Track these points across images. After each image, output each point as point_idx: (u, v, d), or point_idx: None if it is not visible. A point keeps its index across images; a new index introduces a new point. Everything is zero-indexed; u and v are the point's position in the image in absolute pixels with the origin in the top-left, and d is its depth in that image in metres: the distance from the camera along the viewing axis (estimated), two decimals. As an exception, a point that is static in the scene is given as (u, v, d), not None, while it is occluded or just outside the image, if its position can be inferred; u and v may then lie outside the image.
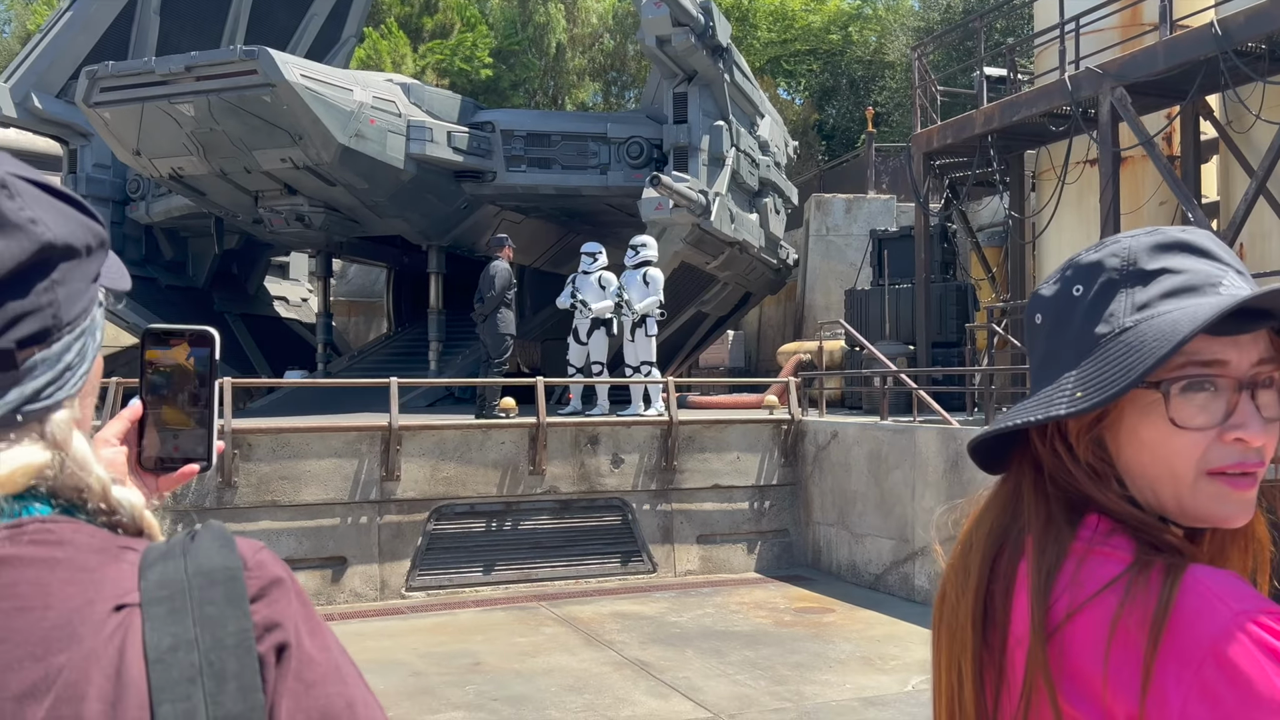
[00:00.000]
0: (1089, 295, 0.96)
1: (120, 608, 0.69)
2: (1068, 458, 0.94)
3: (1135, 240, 0.97)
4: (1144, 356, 0.87)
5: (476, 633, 7.80)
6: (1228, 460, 0.88)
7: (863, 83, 26.09)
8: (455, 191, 13.82)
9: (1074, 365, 0.93)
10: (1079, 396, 0.90)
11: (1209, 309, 0.86)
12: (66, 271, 0.74)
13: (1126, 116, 10.24)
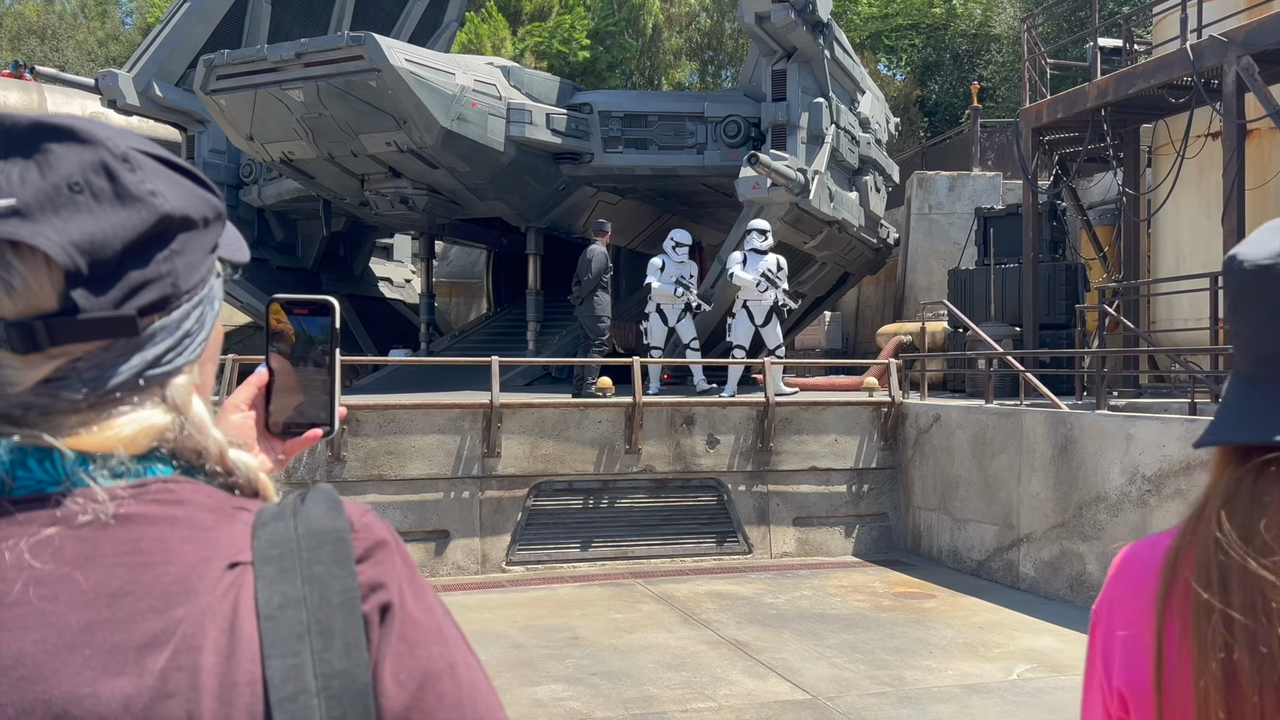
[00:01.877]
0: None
1: (234, 565, 0.71)
2: None
3: None
4: None
5: (575, 608, 7.92)
6: None
7: (967, 57, 25.31)
8: (553, 173, 13.95)
9: None
10: None
11: None
12: (185, 242, 0.76)
13: (1254, 86, 9.71)
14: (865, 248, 15.69)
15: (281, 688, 0.67)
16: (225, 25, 15.31)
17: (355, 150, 12.99)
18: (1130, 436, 7.61)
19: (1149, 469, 7.41)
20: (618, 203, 15.42)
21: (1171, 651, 0.84)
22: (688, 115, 14.05)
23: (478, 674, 0.76)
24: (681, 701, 5.68)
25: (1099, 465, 7.90)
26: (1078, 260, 13.85)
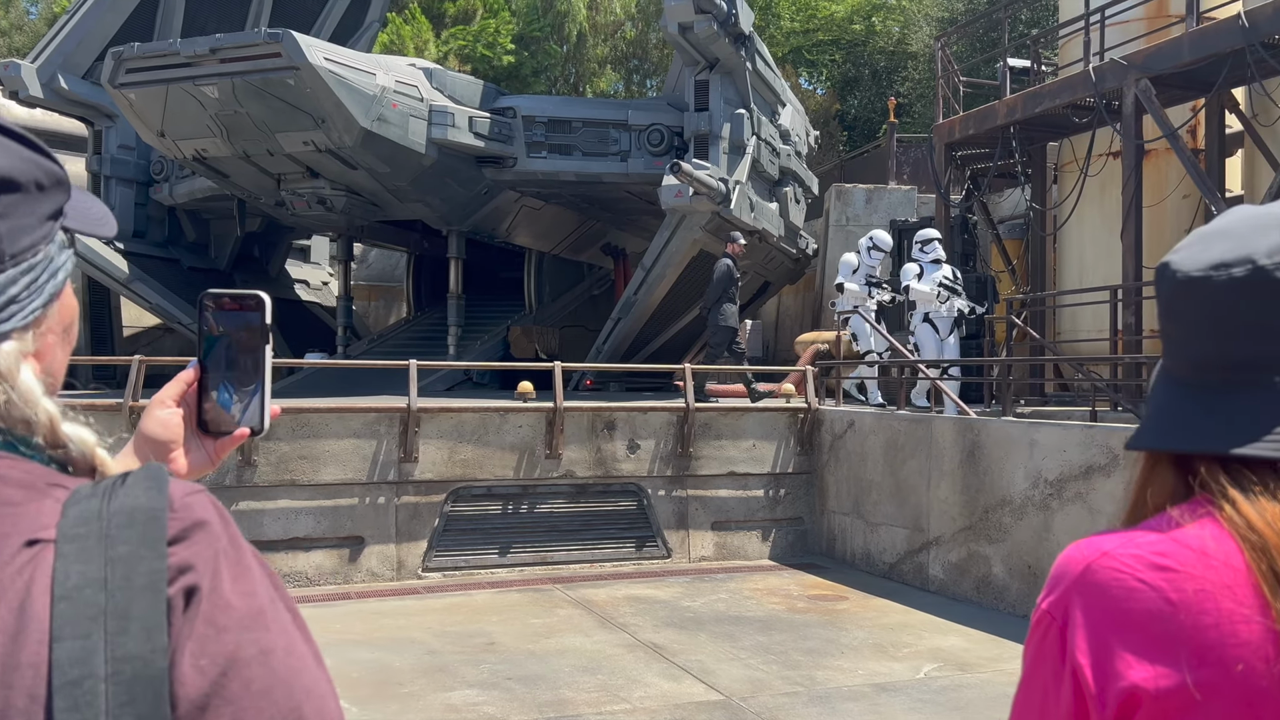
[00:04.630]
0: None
1: (33, 543, 0.68)
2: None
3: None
4: None
5: (492, 613, 7.87)
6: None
7: (885, 73, 25.93)
8: (476, 177, 13.87)
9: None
10: None
11: None
12: (8, 205, 0.74)
13: (1151, 108, 10.17)
14: (785, 257, 15.94)
15: (67, 671, 0.64)
16: (136, 17, 14.87)
17: (272, 149, 12.73)
18: (1034, 442, 7.88)
19: (1051, 473, 7.68)
20: (541, 208, 15.40)
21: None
22: (612, 122, 14.11)
23: (301, 662, 0.71)
24: (596, 704, 5.69)
25: (1004, 470, 8.16)
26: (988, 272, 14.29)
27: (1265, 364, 0.90)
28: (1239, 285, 0.90)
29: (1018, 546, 8.00)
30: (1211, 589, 0.85)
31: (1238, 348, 0.91)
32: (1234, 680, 0.82)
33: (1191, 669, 0.83)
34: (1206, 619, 0.84)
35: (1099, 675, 0.87)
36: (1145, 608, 0.86)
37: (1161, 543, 0.89)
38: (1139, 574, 0.88)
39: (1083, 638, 0.88)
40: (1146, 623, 0.86)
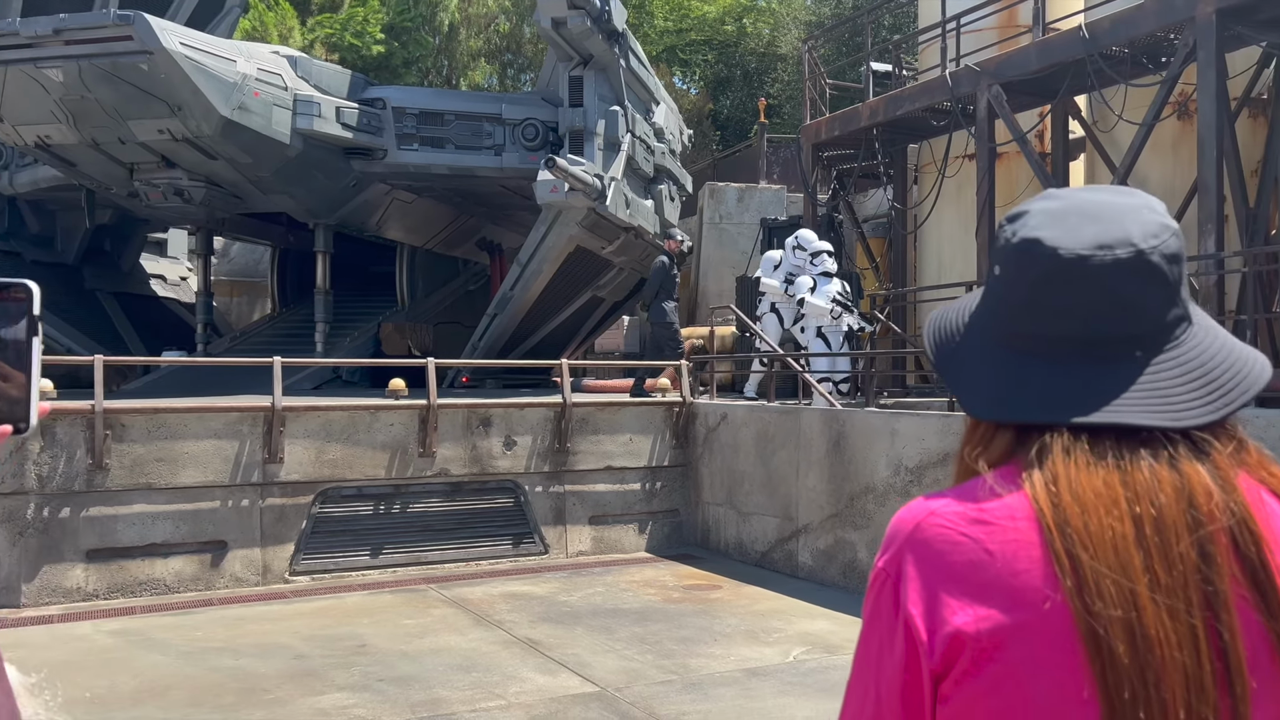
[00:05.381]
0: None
1: None
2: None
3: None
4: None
5: (363, 615, 7.69)
6: None
7: (756, 74, 26.48)
8: (344, 169, 13.51)
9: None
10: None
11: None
12: None
13: (1002, 113, 10.71)
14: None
15: None
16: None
17: (123, 137, 12.10)
18: (895, 431, 8.20)
19: (911, 461, 8.01)
20: (414, 201, 15.12)
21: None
22: (485, 116, 13.96)
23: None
24: (471, 702, 5.64)
25: (868, 459, 8.46)
26: (853, 269, 14.77)
27: (1131, 340, 0.95)
28: (1121, 266, 0.94)
29: (881, 532, 8.28)
30: (1023, 540, 0.91)
31: (1110, 325, 0.95)
32: (1041, 620, 0.88)
33: (1005, 611, 0.90)
34: (1019, 566, 0.90)
35: (928, 623, 0.92)
36: (967, 559, 0.92)
37: (981, 500, 0.95)
38: (961, 529, 0.93)
39: (913, 590, 0.93)
40: (968, 572, 0.92)
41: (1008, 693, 0.89)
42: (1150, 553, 0.88)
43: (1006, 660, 0.89)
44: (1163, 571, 0.88)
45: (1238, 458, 0.95)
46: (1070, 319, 0.96)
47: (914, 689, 0.94)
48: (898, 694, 0.94)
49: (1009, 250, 0.99)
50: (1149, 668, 0.85)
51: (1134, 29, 9.50)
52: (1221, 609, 0.87)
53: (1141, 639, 0.86)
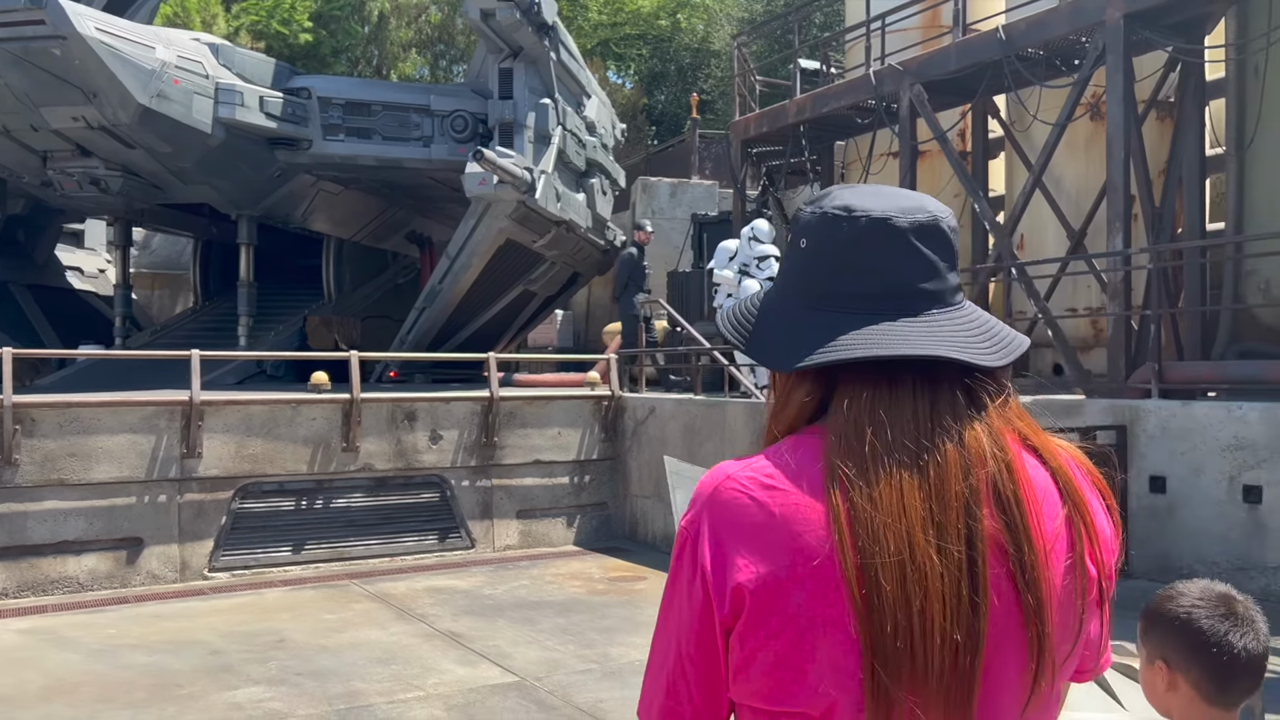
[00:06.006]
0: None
1: None
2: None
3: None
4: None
5: (283, 611, 7.60)
6: None
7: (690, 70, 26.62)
8: (268, 159, 13.27)
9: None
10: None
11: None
12: None
13: (923, 112, 10.93)
14: (593, 249, 16.11)
15: None
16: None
17: (36, 124, 11.75)
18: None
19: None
20: (340, 193, 14.91)
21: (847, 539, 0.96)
22: (413, 107, 13.83)
23: None
24: (389, 694, 5.62)
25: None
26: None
27: (927, 296, 1.06)
28: (921, 229, 1.07)
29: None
30: (804, 503, 1.01)
31: (910, 281, 1.06)
32: (814, 574, 0.98)
33: (783, 568, 0.99)
34: (798, 527, 1.00)
35: (717, 577, 1.01)
36: (753, 520, 1.01)
37: (772, 465, 1.04)
38: (751, 492, 1.03)
39: (708, 547, 1.03)
40: (753, 533, 1.01)
41: (785, 640, 0.98)
42: (931, 495, 0.98)
43: (783, 611, 0.98)
44: (939, 510, 0.98)
45: (1003, 411, 1.07)
46: (876, 275, 1.06)
47: (708, 637, 1.03)
48: (694, 641, 1.04)
49: (818, 220, 1.10)
50: (914, 599, 0.95)
51: (1048, 31, 9.77)
52: (978, 540, 0.98)
53: (911, 576, 0.95)
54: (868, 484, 0.98)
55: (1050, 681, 1.01)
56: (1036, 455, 1.07)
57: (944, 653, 0.95)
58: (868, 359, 1.03)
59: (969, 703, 0.97)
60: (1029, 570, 0.99)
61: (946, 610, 0.96)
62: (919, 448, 1.00)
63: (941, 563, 0.96)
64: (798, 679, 0.98)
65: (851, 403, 1.03)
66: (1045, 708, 1.04)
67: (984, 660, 0.98)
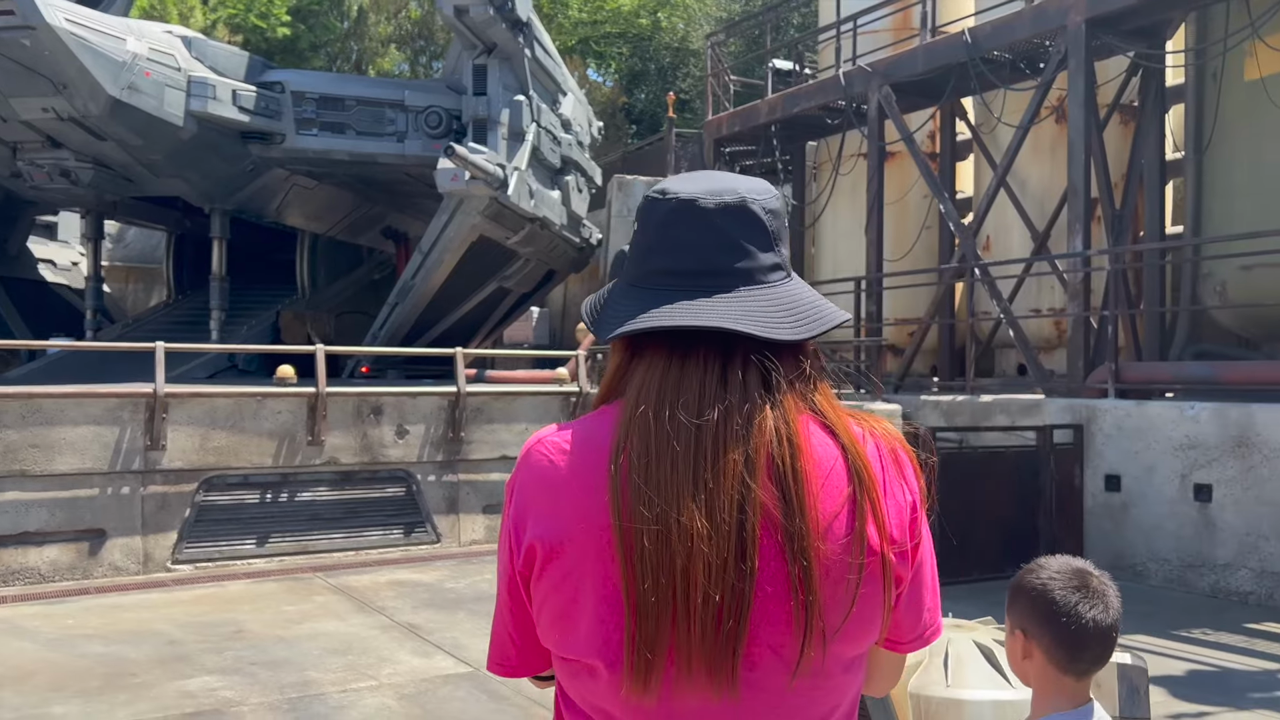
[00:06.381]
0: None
1: None
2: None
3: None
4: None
5: (244, 603, 7.63)
6: None
7: (670, 69, 26.70)
8: (241, 153, 13.25)
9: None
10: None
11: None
12: None
13: (891, 113, 11.04)
14: (568, 246, 16.14)
15: None
16: None
17: (5, 115, 11.71)
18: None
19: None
20: (315, 187, 14.90)
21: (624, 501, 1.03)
22: (388, 102, 13.83)
23: None
24: (342, 683, 5.67)
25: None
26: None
27: (734, 274, 1.11)
28: (728, 209, 1.12)
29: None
30: (591, 466, 1.08)
31: (717, 260, 1.12)
32: (589, 533, 1.05)
33: (566, 526, 1.07)
34: (581, 489, 1.07)
35: (517, 532, 1.11)
36: (549, 480, 1.09)
37: (576, 431, 1.12)
38: (551, 455, 1.11)
39: (515, 505, 1.12)
40: (548, 492, 1.09)
41: (565, 594, 1.06)
42: (706, 463, 1.03)
43: (563, 567, 1.06)
44: (711, 478, 1.03)
45: (799, 387, 1.12)
46: (686, 253, 1.12)
47: (516, 587, 1.12)
48: (507, 590, 1.14)
49: (644, 204, 1.18)
50: (677, 559, 1.00)
51: (1012, 35, 9.90)
52: (750, 509, 1.03)
53: (677, 538, 1.01)
54: (646, 450, 1.04)
55: (819, 649, 1.05)
56: (831, 433, 1.11)
57: (706, 614, 1.00)
58: (655, 330, 1.09)
59: (732, 665, 1.01)
60: (799, 540, 1.03)
61: (710, 573, 1.00)
62: (700, 418, 1.05)
63: (710, 528, 1.01)
64: (575, 630, 1.06)
65: (645, 373, 1.10)
66: (821, 675, 1.08)
67: (750, 626, 1.02)
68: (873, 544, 1.08)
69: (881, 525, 1.09)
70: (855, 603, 1.07)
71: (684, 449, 1.04)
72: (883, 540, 1.09)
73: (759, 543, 1.03)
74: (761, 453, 1.05)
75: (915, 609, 1.20)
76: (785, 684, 1.06)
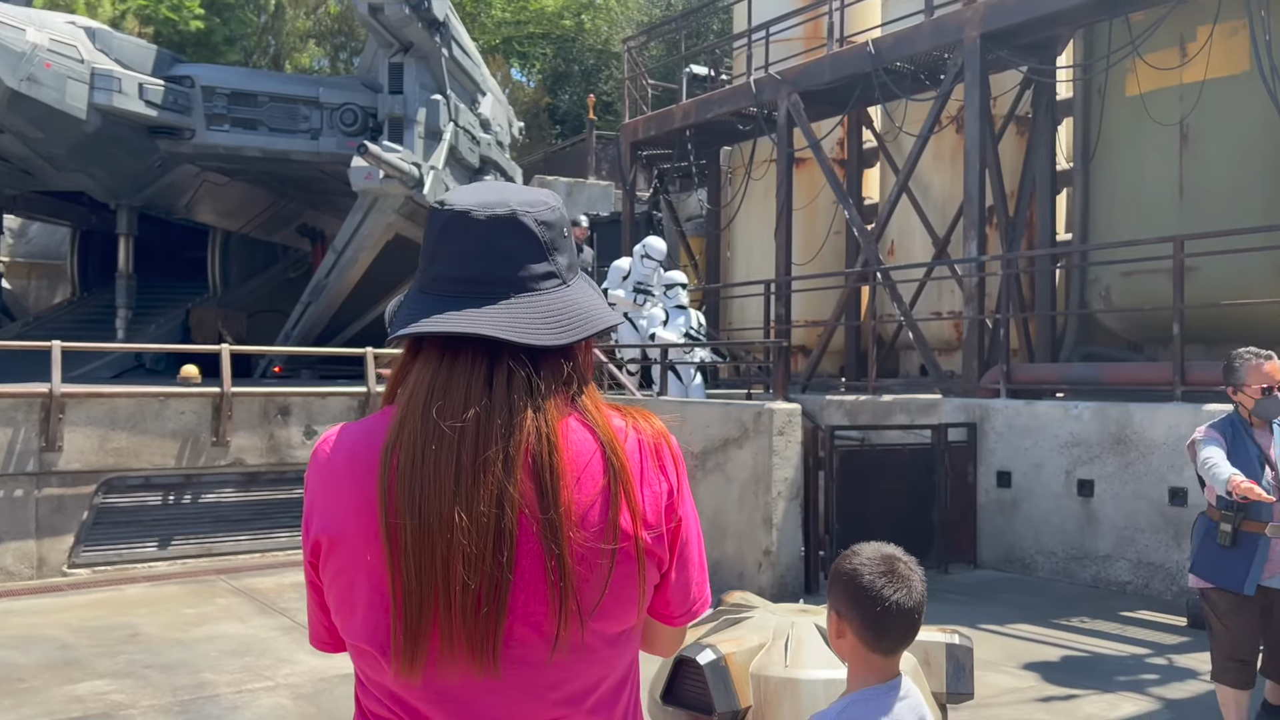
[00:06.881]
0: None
1: None
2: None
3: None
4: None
5: (141, 606, 7.52)
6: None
7: (594, 71, 26.81)
8: (148, 148, 13.00)
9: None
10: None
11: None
12: None
13: (799, 121, 11.31)
14: (488, 246, 16.13)
15: None
16: None
17: (-106, 104, 11.30)
18: (684, 419, 8.59)
19: (697, 446, 8.42)
20: (226, 184, 14.68)
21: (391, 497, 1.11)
22: (302, 99, 13.70)
23: None
24: (238, 684, 5.65)
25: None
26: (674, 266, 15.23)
27: (502, 282, 1.19)
28: (497, 221, 1.20)
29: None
30: (365, 463, 1.17)
31: (486, 268, 1.19)
32: (361, 527, 1.14)
33: (341, 520, 1.16)
34: (356, 485, 1.16)
35: (307, 526, 1.20)
36: (330, 476, 1.18)
37: (358, 430, 1.21)
38: (333, 453, 1.20)
39: (307, 500, 1.20)
40: (328, 489, 1.18)
41: (345, 580, 1.16)
42: (467, 459, 1.12)
43: (340, 558, 1.16)
44: (472, 473, 1.12)
45: (563, 389, 1.20)
46: (459, 261, 1.20)
47: (310, 574, 1.22)
48: (309, 575, 1.24)
49: (429, 214, 1.25)
50: (437, 550, 1.10)
51: (913, 47, 10.23)
52: (508, 502, 1.12)
53: (438, 530, 1.10)
54: (413, 448, 1.13)
55: (576, 627, 1.15)
56: (592, 430, 1.20)
57: (465, 601, 1.09)
58: (422, 334, 1.18)
59: (494, 645, 1.11)
60: (554, 530, 1.13)
61: (469, 563, 1.09)
62: (461, 417, 1.13)
63: (469, 521, 1.10)
64: (354, 617, 1.15)
65: (418, 375, 1.18)
66: (582, 650, 1.17)
67: (512, 607, 1.12)
68: (626, 530, 1.17)
69: (636, 512, 1.19)
70: (610, 584, 1.17)
71: (447, 447, 1.12)
72: (637, 526, 1.18)
73: (518, 533, 1.12)
74: (521, 450, 1.14)
75: (683, 587, 1.30)
76: (546, 659, 1.15)
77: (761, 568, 7.61)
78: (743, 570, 7.77)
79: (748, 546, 7.78)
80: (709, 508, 8.18)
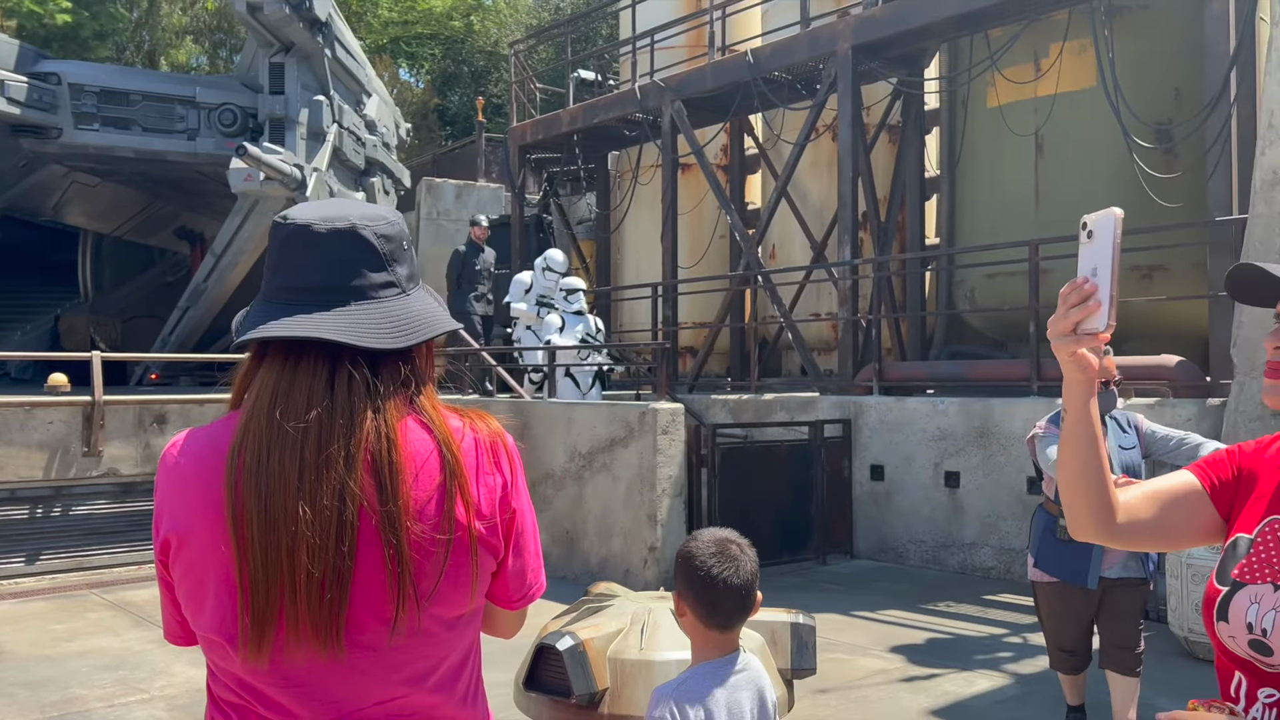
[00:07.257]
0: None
1: None
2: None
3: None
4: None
5: (5, 624, 7.23)
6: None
7: (484, 72, 26.69)
8: (11, 147, 12.47)
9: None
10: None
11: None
12: None
13: (683, 127, 11.57)
14: (374, 248, 15.94)
15: None
16: None
17: None
18: (570, 420, 8.73)
19: (584, 447, 8.56)
20: (98, 185, 14.16)
21: (237, 492, 1.19)
22: (178, 98, 13.33)
23: None
24: (110, 699, 5.53)
25: (548, 446, 8.94)
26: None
27: (342, 291, 1.27)
28: (337, 234, 1.27)
29: (558, 515, 8.82)
30: (211, 465, 1.25)
31: (326, 278, 1.27)
32: (207, 524, 1.23)
33: (187, 520, 1.24)
34: (202, 486, 1.24)
35: (156, 526, 1.27)
36: (178, 478, 1.27)
37: (204, 434, 1.29)
38: (180, 457, 1.27)
39: (156, 502, 1.28)
40: (177, 490, 1.26)
41: (194, 576, 1.24)
42: (310, 457, 1.21)
43: (188, 556, 1.24)
44: (314, 471, 1.20)
45: (402, 390, 1.29)
46: (300, 272, 1.28)
47: (161, 571, 1.29)
48: (160, 573, 1.30)
49: (271, 227, 1.33)
50: (282, 542, 1.18)
51: (789, 57, 10.59)
52: (348, 496, 1.21)
53: (282, 524, 1.19)
54: (258, 447, 1.21)
55: (413, 612, 1.23)
56: (430, 429, 1.29)
57: (310, 589, 1.18)
58: (267, 340, 1.26)
59: (337, 629, 1.20)
60: (392, 522, 1.22)
61: (313, 554, 1.18)
62: (305, 418, 1.21)
63: (312, 515, 1.18)
64: (203, 610, 1.23)
65: (263, 378, 1.26)
66: (420, 634, 1.27)
67: (353, 595, 1.20)
68: (461, 521, 1.27)
69: (470, 505, 1.28)
70: (445, 571, 1.26)
71: (291, 446, 1.20)
72: (471, 517, 1.28)
73: (358, 526, 1.21)
74: (362, 448, 1.22)
75: (519, 573, 1.41)
76: (386, 642, 1.24)
77: (647, 564, 7.80)
78: (629, 567, 7.94)
79: (634, 543, 7.95)
80: (596, 507, 8.33)
